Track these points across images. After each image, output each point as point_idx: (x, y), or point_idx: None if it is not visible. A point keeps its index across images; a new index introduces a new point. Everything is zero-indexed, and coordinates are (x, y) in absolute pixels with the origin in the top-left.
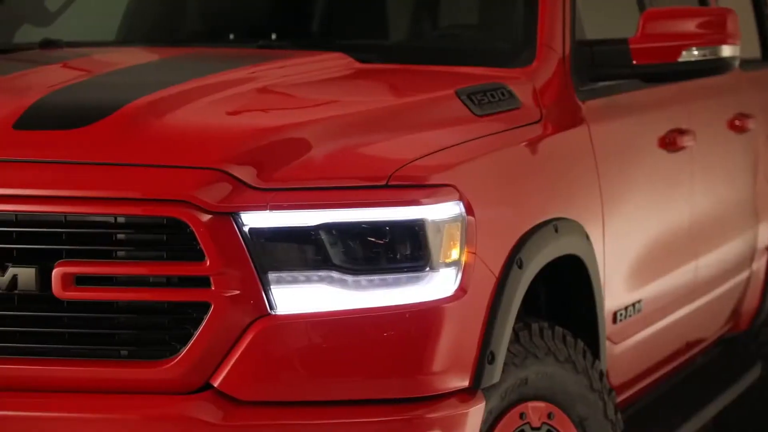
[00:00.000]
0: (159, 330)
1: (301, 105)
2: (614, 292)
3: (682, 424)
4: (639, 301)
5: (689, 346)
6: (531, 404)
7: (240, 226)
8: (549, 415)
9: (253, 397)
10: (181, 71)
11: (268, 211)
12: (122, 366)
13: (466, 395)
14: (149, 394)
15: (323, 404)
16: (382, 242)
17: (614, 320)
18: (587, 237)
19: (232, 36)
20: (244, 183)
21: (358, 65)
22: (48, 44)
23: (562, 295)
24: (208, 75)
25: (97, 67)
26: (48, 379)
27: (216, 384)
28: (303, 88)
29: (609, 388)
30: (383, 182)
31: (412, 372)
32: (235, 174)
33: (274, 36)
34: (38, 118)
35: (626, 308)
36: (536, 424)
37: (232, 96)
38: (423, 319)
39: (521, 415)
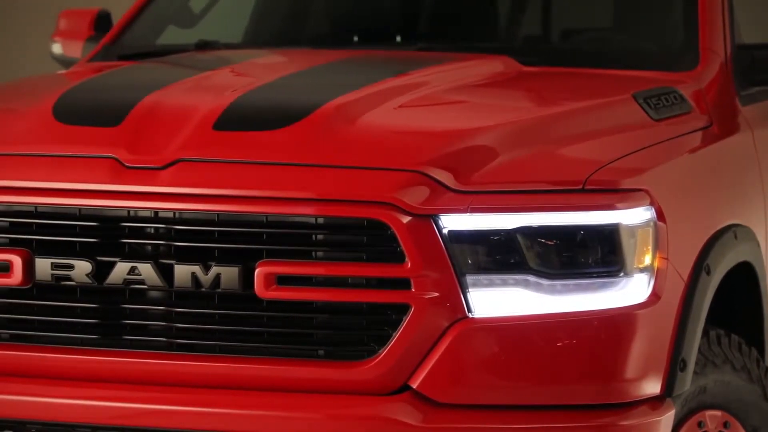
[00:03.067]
0: (357, 331)
1: (485, 108)
2: None
3: None
4: None
5: None
6: (708, 412)
7: (440, 228)
8: (725, 424)
9: (450, 399)
10: (360, 74)
11: (468, 213)
12: (320, 366)
13: (657, 403)
14: (349, 395)
15: (518, 408)
16: (578, 246)
17: None
18: (758, 244)
19: (356, 38)
20: (444, 185)
21: (523, 68)
22: (204, 46)
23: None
24: (387, 78)
25: (272, 70)
26: (247, 377)
27: (414, 386)
28: (480, 90)
29: None
30: (579, 186)
31: (607, 378)
32: (435, 176)
33: (398, 38)
34: (237, 120)
35: None
36: None
37: (416, 99)
38: (618, 324)
39: (699, 424)
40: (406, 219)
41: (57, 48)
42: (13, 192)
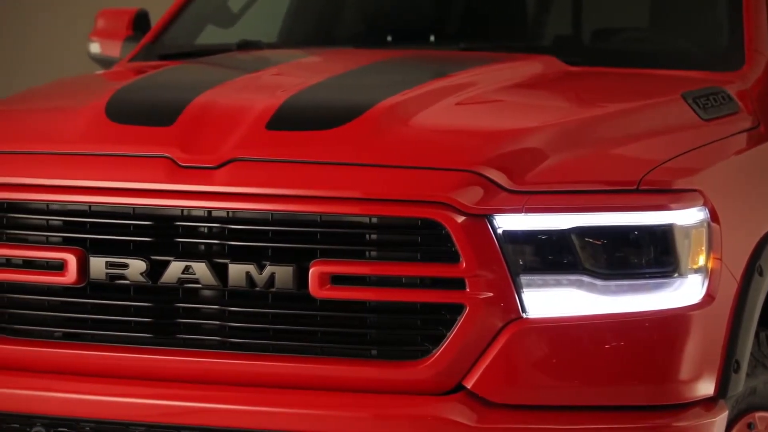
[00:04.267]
0: (411, 330)
1: (536, 108)
2: None
3: None
4: None
5: None
6: (758, 414)
7: (495, 228)
8: None
9: (505, 399)
10: (408, 74)
11: (523, 213)
12: (373, 365)
13: (710, 404)
14: (403, 395)
15: (572, 409)
16: (632, 247)
17: None
18: None
19: (389, 38)
20: (499, 185)
21: (569, 68)
22: (245, 46)
23: None
24: (437, 78)
25: (320, 70)
26: (300, 376)
27: (469, 386)
28: (529, 91)
29: None
30: (634, 186)
31: (661, 379)
32: (490, 176)
33: (432, 38)
34: (289, 119)
35: None
36: None
37: (467, 99)
38: (673, 325)
39: (749, 425)
40: (460, 219)
41: (95, 47)
42: (68, 191)
